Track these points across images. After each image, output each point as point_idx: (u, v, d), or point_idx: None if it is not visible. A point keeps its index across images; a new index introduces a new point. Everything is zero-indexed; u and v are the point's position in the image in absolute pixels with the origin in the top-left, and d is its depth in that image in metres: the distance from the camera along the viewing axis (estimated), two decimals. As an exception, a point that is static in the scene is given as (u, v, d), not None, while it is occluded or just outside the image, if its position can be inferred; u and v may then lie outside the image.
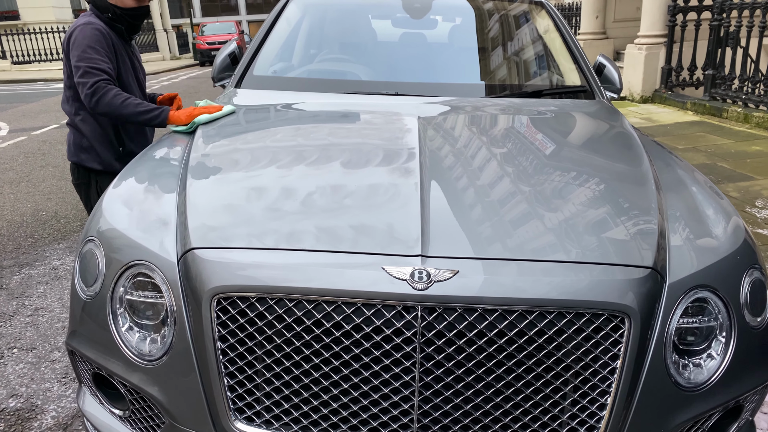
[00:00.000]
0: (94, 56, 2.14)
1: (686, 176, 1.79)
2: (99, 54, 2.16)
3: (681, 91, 8.29)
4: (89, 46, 2.13)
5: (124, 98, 2.12)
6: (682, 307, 1.32)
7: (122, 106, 2.12)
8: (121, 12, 2.23)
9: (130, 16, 2.26)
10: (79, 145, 2.34)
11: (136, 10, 2.28)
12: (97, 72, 2.12)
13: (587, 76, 2.59)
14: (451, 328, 1.21)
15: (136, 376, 1.38)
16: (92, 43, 2.14)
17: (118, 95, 2.12)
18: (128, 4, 2.24)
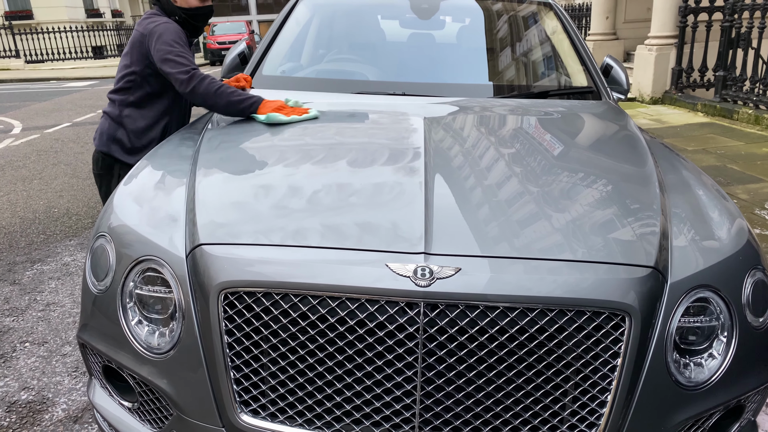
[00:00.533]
0: (184, 50, 2.21)
1: (691, 177, 1.80)
2: (187, 50, 2.25)
3: (691, 92, 8.24)
4: (176, 41, 2.20)
5: (218, 86, 2.13)
6: (683, 306, 1.33)
7: (217, 95, 2.12)
8: (186, 14, 2.31)
9: (194, 17, 2.34)
10: (113, 137, 2.39)
11: (200, 10, 2.35)
12: (190, 61, 2.19)
13: (594, 77, 2.60)
14: (453, 325, 1.23)
15: (145, 369, 1.41)
16: (179, 39, 2.22)
17: (213, 82, 2.14)
18: (192, 4, 2.31)
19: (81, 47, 21.21)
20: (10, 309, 3.11)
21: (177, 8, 2.31)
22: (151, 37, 2.21)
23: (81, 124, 8.77)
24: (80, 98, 12.01)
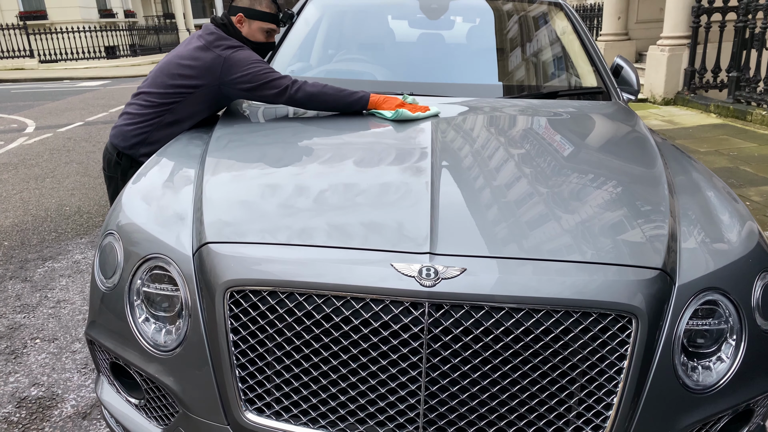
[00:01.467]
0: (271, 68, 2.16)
1: (701, 179, 1.78)
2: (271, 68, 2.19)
3: (704, 93, 8.16)
4: (260, 61, 2.16)
5: (321, 85, 2.13)
6: (691, 309, 1.31)
7: (324, 93, 2.11)
8: (252, 47, 2.26)
9: (258, 52, 2.28)
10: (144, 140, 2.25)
11: (264, 45, 2.32)
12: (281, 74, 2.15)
13: (604, 77, 2.58)
14: (457, 325, 1.22)
15: (152, 366, 1.42)
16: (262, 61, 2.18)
17: (315, 84, 2.13)
18: (258, 39, 2.28)
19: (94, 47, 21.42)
20: (21, 306, 3.15)
21: (244, 38, 2.26)
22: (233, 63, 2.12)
23: (93, 123, 8.85)
24: (92, 98, 12.12)
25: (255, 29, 2.27)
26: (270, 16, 2.30)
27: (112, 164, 2.31)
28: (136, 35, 24.98)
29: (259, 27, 2.27)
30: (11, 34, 20.84)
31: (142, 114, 2.24)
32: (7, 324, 2.96)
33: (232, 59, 2.13)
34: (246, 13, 2.25)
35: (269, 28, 2.30)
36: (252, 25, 2.26)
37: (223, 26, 2.24)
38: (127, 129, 2.26)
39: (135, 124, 2.24)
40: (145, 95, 2.25)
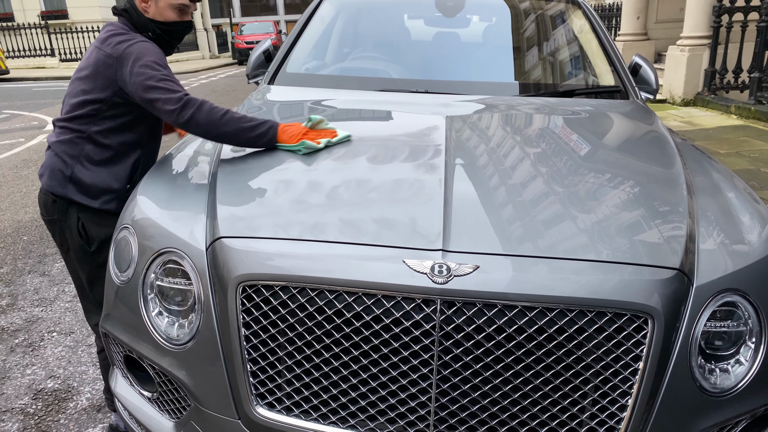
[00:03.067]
0: (170, 73, 1.78)
1: (722, 180, 1.75)
2: (172, 73, 1.79)
3: (725, 94, 8.03)
4: (158, 63, 1.76)
5: (222, 111, 1.73)
6: (709, 310, 1.29)
7: (223, 122, 1.72)
8: (161, 29, 1.87)
9: (170, 33, 1.90)
10: (69, 176, 1.82)
11: (177, 25, 1.91)
12: (180, 86, 1.76)
13: (622, 76, 2.55)
14: (470, 323, 1.21)
15: (165, 360, 1.43)
16: (161, 61, 1.78)
17: (215, 108, 1.73)
18: (169, 17, 1.88)
19: (113, 46, 21.70)
20: (39, 299, 3.19)
21: (150, 21, 1.86)
22: (124, 60, 1.73)
23: (112, 121, 8.95)
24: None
25: (163, 6, 1.87)
26: None
27: (49, 207, 1.88)
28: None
29: (167, 3, 1.86)
30: (33, 33, 21.21)
31: (61, 146, 1.84)
32: (25, 317, 3.00)
33: (127, 54, 1.74)
34: None
35: (180, 4, 1.88)
36: (159, 2, 1.86)
37: (125, 12, 1.88)
38: (51, 166, 1.85)
39: (58, 159, 1.84)
40: (58, 123, 1.86)
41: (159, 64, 1.75)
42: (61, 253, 1.97)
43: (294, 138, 1.78)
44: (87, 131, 1.81)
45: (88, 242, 1.85)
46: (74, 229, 1.85)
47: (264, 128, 1.78)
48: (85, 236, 1.86)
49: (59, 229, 1.89)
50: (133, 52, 1.74)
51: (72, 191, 1.83)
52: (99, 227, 1.85)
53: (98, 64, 1.77)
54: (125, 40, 1.78)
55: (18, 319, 2.98)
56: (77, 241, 1.86)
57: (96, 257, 1.87)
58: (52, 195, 1.85)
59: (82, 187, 1.83)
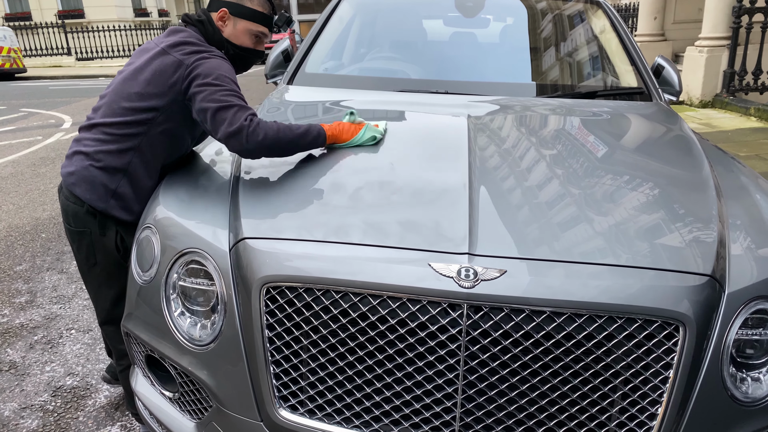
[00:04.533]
0: (239, 90, 1.67)
1: (750, 183, 1.71)
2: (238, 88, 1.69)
3: (744, 96, 7.91)
4: (233, 80, 1.66)
5: (276, 126, 1.63)
6: (741, 317, 1.26)
7: (280, 137, 1.62)
8: (234, 52, 1.81)
9: (242, 59, 1.85)
10: (113, 190, 1.71)
11: (250, 53, 1.85)
12: (246, 104, 1.65)
13: (644, 77, 2.51)
14: (497, 328, 1.20)
15: (186, 360, 1.43)
16: (234, 78, 1.68)
17: (271, 124, 1.63)
18: (245, 43, 1.82)
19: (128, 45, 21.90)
20: (57, 297, 3.22)
21: (225, 40, 1.80)
22: (198, 70, 1.63)
23: (127, 119, 9.03)
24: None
25: (241, 31, 1.80)
26: (261, 17, 1.83)
27: (80, 217, 1.73)
28: (169, 34, 25.40)
29: (246, 28, 1.81)
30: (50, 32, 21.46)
31: (103, 156, 1.69)
32: (44, 314, 3.03)
33: (198, 65, 1.64)
34: (231, 9, 1.78)
35: (259, 32, 1.84)
36: (237, 24, 1.80)
37: (199, 24, 1.78)
38: (91, 178, 1.70)
39: (99, 170, 1.69)
40: (102, 128, 1.70)
41: (233, 80, 1.66)
42: (82, 265, 1.80)
43: (349, 133, 1.76)
44: (138, 142, 1.69)
45: (124, 256, 1.77)
46: (111, 243, 1.75)
47: (314, 133, 1.69)
48: (122, 250, 1.77)
49: (89, 243, 1.75)
50: (208, 65, 1.64)
51: (114, 207, 1.72)
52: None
53: (164, 69, 1.65)
54: (201, 51, 1.68)
55: (37, 316, 3.00)
56: (113, 255, 1.76)
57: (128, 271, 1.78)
58: (90, 207, 1.71)
59: (125, 202, 1.72)
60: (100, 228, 1.73)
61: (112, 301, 1.82)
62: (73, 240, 1.78)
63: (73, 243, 1.79)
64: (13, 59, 17.06)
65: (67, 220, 1.76)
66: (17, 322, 2.94)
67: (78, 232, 1.75)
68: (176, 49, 1.67)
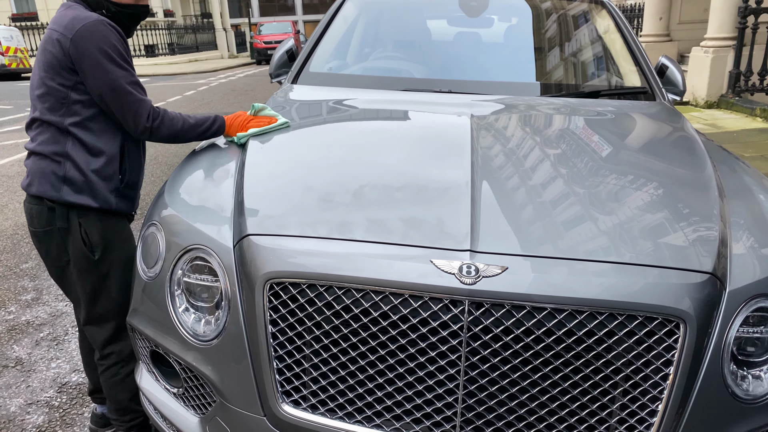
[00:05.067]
0: (130, 69, 1.64)
1: (753, 183, 1.72)
2: (129, 63, 1.65)
3: (750, 96, 7.88)
4: (124, 56, 1.62)
5: (176, 117, 1.73)
6: (742, 315, 1.27)
7: (182, 130, 1.75)
8: (116, 10, 1.69)
9: (127, 16, 1.72)
10: (61, 175, 1.64)
11: (134, 9, 1.73)
12: (141, 89, 1.66)
13: (648, 77, 2.51)
14: (498, 324, 1.21)
15: (191, 355, 1.44)
16: (126, 53, 1.64)
17: (171, 119, 1.72)
18: (126, 0, 1.70)
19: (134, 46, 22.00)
20: (63, 294, 3.24)
21: (104, 0, 1.67)
22: (82, 41, 1.55)
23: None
24: (133, 94, 12.43)
25: None
26: None
27: (43, 218, 1.68)
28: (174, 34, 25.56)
29: None
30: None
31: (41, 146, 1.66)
32: (50, 311, 3.05)
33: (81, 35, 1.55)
34: None
35: None
36: None
37: None
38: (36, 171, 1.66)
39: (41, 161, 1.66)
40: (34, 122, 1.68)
41: (125, 57, 1.62)
42: (54, 268, 1.75)
43: (241, 128, 1.89)
44: (62, 124, 1.63)
45: (92, 250, 1.69)
46: (77, 236, 1.67)
47: (213, 125, 1.85)
48: (89, 243, 1.69)
49: (58, 241, 1.69)
50: (92, 35, 1.56)
51: (69, 193, 1.64)
52: (100, 231, 1.69)
53: (53, 47, 1.58)
54: (78, 18, 1.58)
55: (43, 313, 3.03)
56: (80, 250, 1.68)
57: (100, 266, 1.71)
58: (49, 202, 1.65)
59: (78, 186, 1.65)
60: (63, 220, 1.67)
61: (89, 298, 1.74)
62: (41, 243, 1.72)
63: (42, 246, 1.73)
64: (20, 59, 17.17)
65: (32, 224, 1.71)
66: (23, 319, 2.97)
67: (44, 232, 1.70)
68: (58, 23, 1.61)
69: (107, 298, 1.74)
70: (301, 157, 1.74)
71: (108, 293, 1.74)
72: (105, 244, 1.71)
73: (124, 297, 1.73)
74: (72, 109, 1.63)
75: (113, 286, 1.74)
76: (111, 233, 1.72)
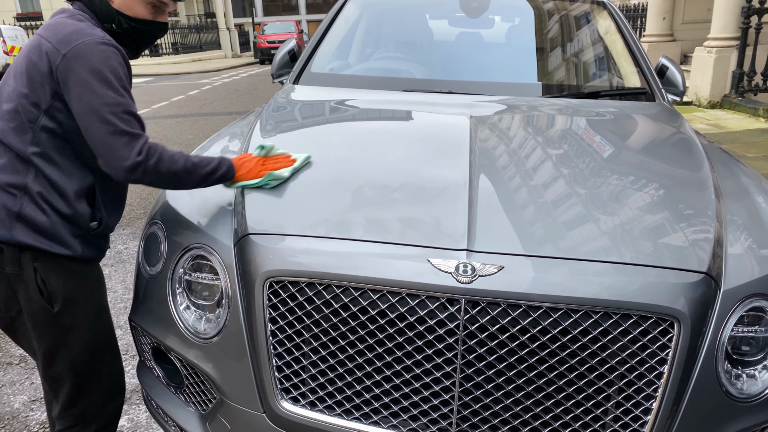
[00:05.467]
0: (126, 98, 1.35)
1: (751, 184, 1.73)
2: (127, 91, 1.37)
3: (753, 96, 7.87)
4: (121, 81, 1.34)
5: (176, 157, 1.40)
6: (737, 315, 1.28)
7: (185, 170, 1.41)
8: (129, 25, 1.44)
9: (141, 33, 1.47)
10: (18, 215, 1.34)
11: (149, 25, 1.47)
12: (137, 122, 1.36)
13: (648, 77, 2.52)
14: (494, 323, 1.22)
15: (192, 353, 1.46)
16: (123, 77, 1.36)
17: (170, 156, 1.39)
18: (140, 14, 1.44)
19: (138, 45, 22.09)
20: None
21: (117, 13, 1.42)
22: (75, 61, 1.29)
23: (136, 118, 9.12)
24: (136, 94, 12.46)
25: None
26: None
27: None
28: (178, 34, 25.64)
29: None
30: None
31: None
32: (53, 309, 3.07)
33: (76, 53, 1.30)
34: None
35: (159, 0, 1.46)
36: None
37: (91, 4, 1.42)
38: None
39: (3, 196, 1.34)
40: None
41: (122, 84, 1.34)
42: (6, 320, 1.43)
43: (254, 172, 1.55)
44: (25, 152, 1.33)
45: (51, 301, 1.37)
46: (31, 284, 1.36)
47: (221, 169, 1.49)
48: (47, 293, 1.37)
49: (4, 288, 1.37)
50: (89, 54, 1.30)
51: (22, 232, 1.33)
52: (62, 278, 1.38)
53: (39, 59, 1.32)
54: (80, 32, 1.32)
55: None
56: (36, 300, 1.37)
57: (61, 319, 1.39)
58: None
59: (35, 225, 1.34)
60: (13, 265, 1.35)
61: (46, 355, 1.42)
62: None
63: None
64: (25, 59, 17.23)
65: None
66: (27, 317, 3.00)
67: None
68: (51, 31, 1.34)
69: (67, 355, 1.42)
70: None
71: (69, 350, 1.42)
72: (67, 295, 1.39)
73: (91, 354, 1.45)
74: (39, 137, 1.34)
75: (76, 342, 1.43)
76: (75, 281, 1.41)
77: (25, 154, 1.34)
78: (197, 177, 1.45)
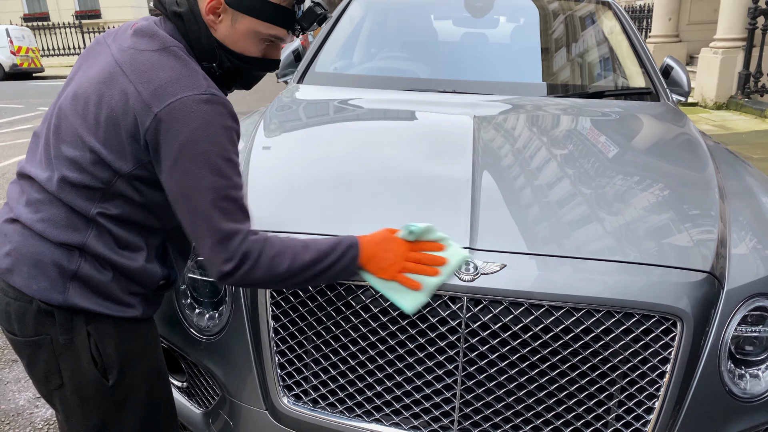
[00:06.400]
0: (228, 177, 1.08)
1: (756, 184, 1.72)
2: (232, 162, 1.09)
3: (759, 98, 7.84)
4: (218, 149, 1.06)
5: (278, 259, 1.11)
6: (740, 314, 1.27)
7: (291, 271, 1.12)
8: (233, 64, 1.17)
9: (245, 73, 1.22)
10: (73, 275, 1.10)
11: (260, 64, 1.20)
12: (238, 210, 1.09)
13: (653, 78, 2.52)
14: (496, 321, 1.22)
15: (195, 350, 1.47)
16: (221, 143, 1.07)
17: (271, 258, 1.10)
18: (248, 51, 1.16)
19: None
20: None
21: (218, 45, 1.14)
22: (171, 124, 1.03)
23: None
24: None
25: (243, 32, 1.15)
26: (277, 12, 1.14)
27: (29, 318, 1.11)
28: (184, 34, 25.68)
29: (251, 29, 1.14)
30: (67, 32, 21.78)
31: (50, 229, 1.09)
32: (58, 307, 3.09)
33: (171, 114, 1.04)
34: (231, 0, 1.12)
35: (271, 35, 1.17)
36: (238, 22, 1.13)
37: (180, 21, 1.13)
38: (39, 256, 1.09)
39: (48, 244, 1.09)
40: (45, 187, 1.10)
41: (225, 156, 1.07)
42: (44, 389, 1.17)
43: (395, 269, 1.18)
44: (89, 212, 1.09)
45: (105, 372, 1.14)
46: (84, 352, 1.13)
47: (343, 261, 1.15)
48: (101, 363, 1.14)
49: (48, 356, 1.13)
50: (189, 119, 1.03)
51: (77, 294, 1.10)
52: (120, 343, 1.15)
53: (123, 112, 1.05)
54: (178, 81, 1.05)
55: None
56: (87, 372, 1.13)
57: (114, 394, 1.16)
58: (41, 303, 1.09)
59: (91, 286, 1.11)
60: (63, 332, 1.12)
61: None
62: (21, 353, 1.15)
63: (23, 357, 1.16)
64: (31, 59, 17.33)
65: (10, 327, 1.14)
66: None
67: (28, 342, 1.13)
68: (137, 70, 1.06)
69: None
70: (304, 155, 1.76)
71: (120, 427, 1.19)
72: (124, 362, 1.16)
73: (145, 429, 1.22)
74: (109, 200, 1.10)
75: (130, 417, 1.19)
76: (133, 345, 1.19)
77: (89, 215, 1.09)
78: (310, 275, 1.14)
